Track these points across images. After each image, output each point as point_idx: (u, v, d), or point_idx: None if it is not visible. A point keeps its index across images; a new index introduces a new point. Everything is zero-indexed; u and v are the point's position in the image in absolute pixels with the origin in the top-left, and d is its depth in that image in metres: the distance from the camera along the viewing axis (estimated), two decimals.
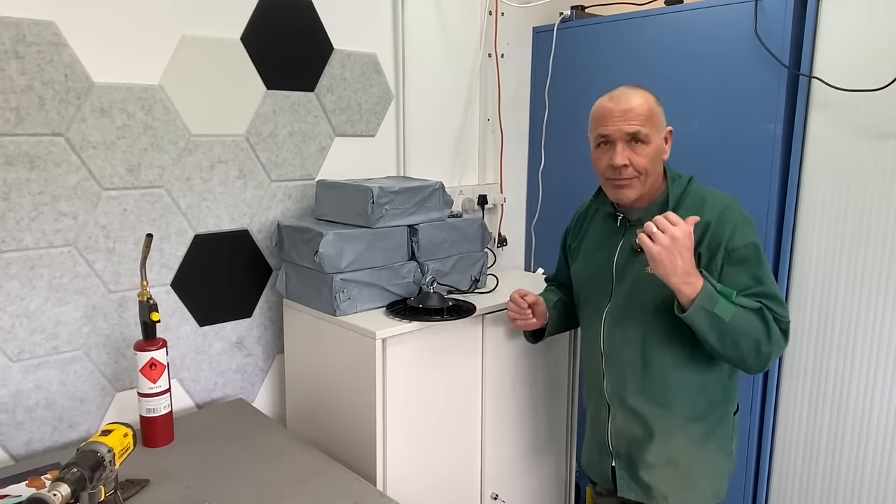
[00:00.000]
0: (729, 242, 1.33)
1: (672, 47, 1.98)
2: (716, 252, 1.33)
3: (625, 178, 1.37)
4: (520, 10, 2.35)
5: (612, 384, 1.48)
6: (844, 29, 1.67)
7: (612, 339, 1.47)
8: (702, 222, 1.34)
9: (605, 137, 1.37)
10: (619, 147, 1.35)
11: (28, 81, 1.39)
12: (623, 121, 1.35)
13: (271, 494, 1.30)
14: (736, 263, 1.33)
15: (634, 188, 1.38)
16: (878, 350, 1.70)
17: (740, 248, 1.32)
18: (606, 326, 1.48)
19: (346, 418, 1.62)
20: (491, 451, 1.79)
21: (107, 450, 1.07)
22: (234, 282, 1.77)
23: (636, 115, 1.35)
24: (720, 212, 1.35)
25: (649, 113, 1.35)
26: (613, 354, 1.47)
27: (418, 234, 1.73)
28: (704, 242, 1.34)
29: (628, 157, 1.35)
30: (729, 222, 1.34)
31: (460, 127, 2.26)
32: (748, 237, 1.34)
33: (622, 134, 1.35)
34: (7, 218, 1.40)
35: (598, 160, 1.42)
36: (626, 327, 1.44)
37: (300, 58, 1.81)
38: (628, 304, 1.43)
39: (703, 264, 1.33)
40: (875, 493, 1.74)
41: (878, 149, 1.65)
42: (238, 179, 1.74)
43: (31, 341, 1.46)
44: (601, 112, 1.39)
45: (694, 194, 1.41)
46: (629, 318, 1.43)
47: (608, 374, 1.49)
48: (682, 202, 1.40)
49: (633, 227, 1.43)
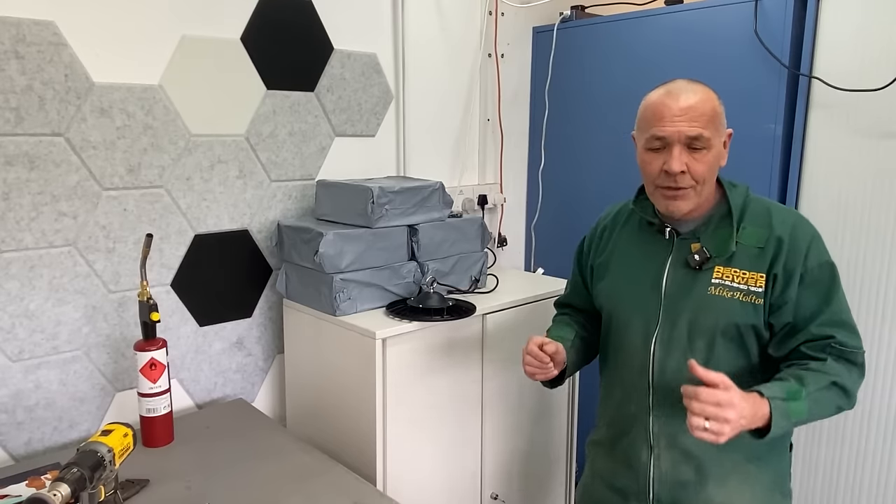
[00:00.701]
0: (805, 262, 1.19)
1: (672, 47, 1.98)
2: (792, 274, 1.19)
3: (681, 187, 1.20)
4: (520, 10, 2.35)
5: (663, 422, 1.28)
6: (844, 29, 1.67)
7: (664, 370, 1.27)
8: (772, 237, 1.21)
9: (662, 140, 1.19)
10: (677, 151, 1.18)
11: (28, 81, 1.39)
12: (684, 121, 1.17)
13: (271, 494, 1.30)
14: (809, 286, 1.19)
15: (689, 199, 1.21)
16: (878, 350, 1.70)
17: (814, 268, 1.19)
18: (657, 355, 1.27)
19: (346, 418, 1.62)
20: (491, 451, 1.79)
21: (107, 450, 1.07)
22: (234, 282, 1.77)
23: (699, 114, 1.17)
24: (792, 227, 1.22)
25: (713, 113, 1.19)
26: (666, 387, 1.26)
27: (418, 234, 1.73)
28: (780, 262, 1.19)
29: (686, 162, 1.18)
30: (804, 239, 1.20)
31: (460, 127, 2.26)
32: (823, 255, 1.21)
33: (681, 136, 1.17)
34: (7, 218, 1.40)
35: (648, 164, 1.23)
36: (683, 357, 1.24)
37: (300, 58, 1.81)
38: (688, 329, 1.25)
39: (779, 288, 1.19)
40: (875, 493, 1.74)
41: (878, 149, 1.65)
42: (238, 179, 1.74)
43: (31, 341, 1.46)
44: (657, 109, 1.20)
45: (755, 205, 1.26)
46: (688, 345, 1.25)
47: (657, 409, 1.28)
48: (744, 214, 1.25)
49: (686, 240, 1.27)
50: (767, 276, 1.19)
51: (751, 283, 1.21)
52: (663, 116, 1.18)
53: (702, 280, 1.24)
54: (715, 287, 1.22)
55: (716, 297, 1.22)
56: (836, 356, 1.17)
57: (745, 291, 1.21)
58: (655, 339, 1.28)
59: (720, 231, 1.25)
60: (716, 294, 1.22)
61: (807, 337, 1.19)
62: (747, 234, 1.23)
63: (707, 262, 1.24)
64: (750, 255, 1.22)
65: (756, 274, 1.20)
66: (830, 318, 1.19)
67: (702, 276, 1.24)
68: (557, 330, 1.47)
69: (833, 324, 1.19)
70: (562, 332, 1.45)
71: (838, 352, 1.17)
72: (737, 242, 1.22)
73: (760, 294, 1.20)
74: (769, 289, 1.20)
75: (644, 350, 1.29)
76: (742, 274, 1.21)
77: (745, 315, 1.20)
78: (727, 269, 1.23)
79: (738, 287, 1.21)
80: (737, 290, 1.21)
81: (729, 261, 1.23)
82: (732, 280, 1.22)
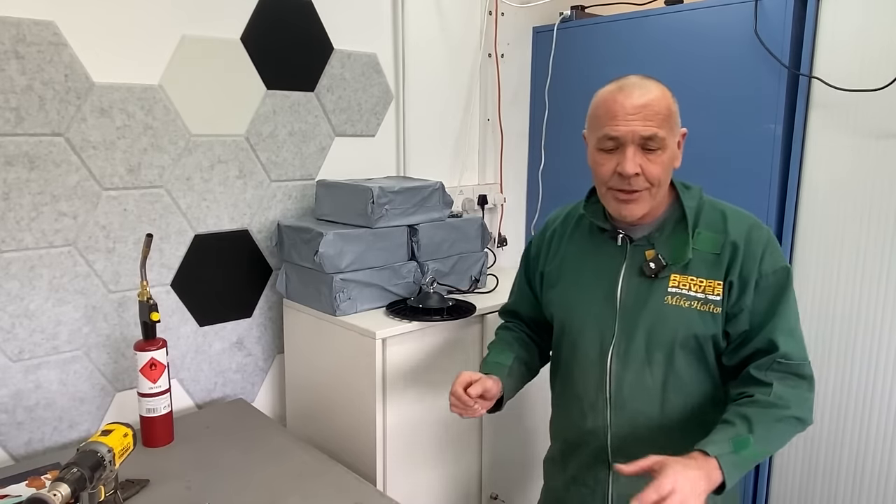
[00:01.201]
0: (760, 268, 1.14)
1: (672, 47, 1.98)
2: (748, 281, 1.14)
3: (635, 189, 1.13)
4: (520, 10, 2.35)
5: (620, 440, 1.23)
6: (844, 29, 1.67)
7: (621, 385, 1.21)
8: (728, 242, 1.16)
9: (615, 140, 1.12)
10: (630, 152, 1.11)
11: (28, 81, 1.39)
12: (637, 119, 1.10)
13: (271, 494, 1.30)
14: (762, 291, 1.14)
15: (643, 202, 1.15)
16: (878, 349, 1.70)
17: (769, 274, 1.14)
18: (615, 369, 1.21)
19: (346, 418, 1.62)
20: (491, 451, 1.79)
21: (107, 450, 1.07)
22: (234, 282, 1.77)
23: (653, 112, 1.11)
24: (748, 231, 1.17)
25: (668, 111, 1.13)
26: (625, 404, 1.21)
27: (418, 234, 1.73)
28: (735, 269, 1.14)
29: (640, 164, 1.12)
30: (758, 244, 1.15)
31: (460, 127, 2.25)
32: (778, 261, 1.16)
33: (635, 136, 1.11)
34: (7, 218, 1.40)
35: (600, 165, 1.16)
36: (641, 370, 1.19)
37: (300, 58, 1.81)
38: (646, 341, 1.18)
39: (735, 296, 1.14)
40: (875, 493, 1.74)
41: (878, 149, 1.65)
42: (238, 179, 1.73)
43: (31, 341, 1.46)
44: (609, 106, 1.13)
45: (710, 208, 1.21)
46: (646, 359, 1.19)
47: (615, 428, 1.23)
48: (699, 218, 1.19)
49: (640, 247, 1.21)
50: (724, 283, 1.14)
51: (708, 292, 1.15)
52: (616, 115, 1.11)
53: (658, 289, 1.18)
54: (671, 296, 1.16)
55: (673, 307, 1.16)
56: (780, 375, 1.12)
57: (702, 300, 1.15)
58: (612, 353, 1.21)
59: (675, 237, 1.19)
60: (673, 304, 1.16)
61: (755, 347, 1.14)
62: (703, 239, 1.17)
63: (663, 269, 1.18)
64: (706, 261, 1.16)
65: (713, 281, 1.15)
66: (777, 326, 1.13)
67: (657, 284, 1.18)
68: (496, 354, 1.37)
69: (780, 332, 1.13)
70: (499, 358, 1.35)
71: (784, 368, 1.12)
72: (692, 248, 1.17)
73: (718, 302, 1.15)
74: (726, 297, 1.15)
75: (600, 364, 1.23)
76: (699, 282, 1.16)
77: (703, 325, 1.15)
78: (684, 276, 1.17)
79: (696, 296, 1.16)
80: (694, 299, 1.16)
81: (685, 268, 1.17)
82: (689, 288, 1.16)
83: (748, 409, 1.09)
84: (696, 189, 1.24)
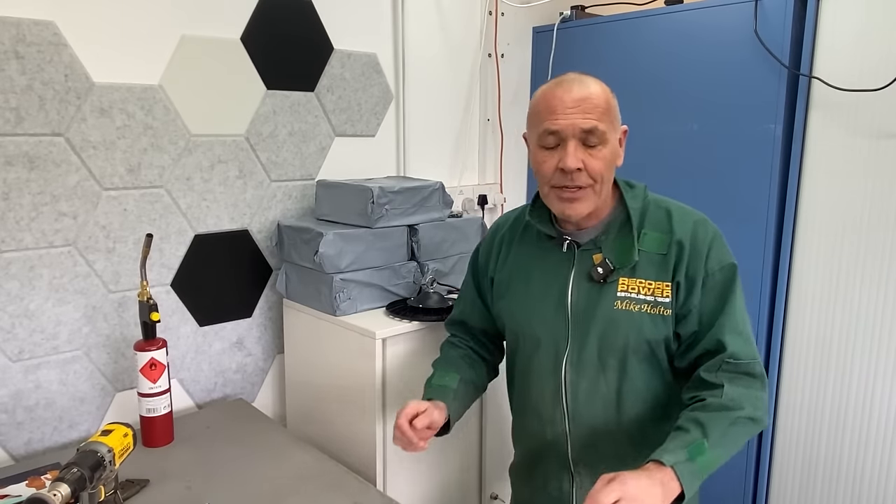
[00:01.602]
0: (706, 266, 1.12)
1: (672, 48, 1.98)
2: (694, 280, 1.12)
3: (578, 186, 1.11)
4: (520, 10, 2.35)
5: (580, 449, 1.21)
6: (844, 29, 1.66)
7: (577, 395, 1.19)
8: (673, 242, 1.13)
9: (555, 133, 1.10)
10: (572, 146, 1.09)
11: (28, 81, 1.39)
12: (577, 112, 1.08)
13: (271, 494, 1.30)
14: (709, 290, 1.12)
15: (588, 200, 1.12)
16: (878, 350, 1.70)
17: (715, 271, 1.12)
18: (569, 378, 1.19)
19: (346, 418, 1.62)
20: (491, 451, 1.79)
21: (107, 450, 1.07)
22: (234, 282, 1.77)
23: (593, 106, 1.09)
24: (693, 229, 1.14)
25: (607, 105, 1.11)
26: (582, 413, 1.19)
27: (418, 234, 1.73)
28: (682, 269, 1.12)
29: (582, 159, 1.09)
30: (704, 242, 1.13)
31: (460, 127, 2.26)
32: (724, 257, 1.14)
33: (576, 130, 1.08)
34: (7, 218, 1.40)
35: (541, 163, 1.13)
36: (596, 378, 1.17)
37: (300, 58, 1.81)
38: (598, 348, 1.16)
39: (683, 296, 1.12)
40: (875, 493, 1.74)
41: (878, 149, 1.65)
42: (238, 179, 1.73)
43: (31, 341, 1.46)
44: (549, 101, 1.11)
45: (654, 207, 1.18)
46: (600, 366, 1.17)
47: (574, 437, 1.21)
48: (644, 218, 1.16)
49: (587, 251, 1.18)
50: (672, 283, 1.12)
51: (657, 294, 1.13)
52: (555, 109, 1.09)
53: (607, 294, 1.15)
54: (621, 301, 1.13)
55: (623, 312, 1.13)
56: (730, 376, 1.09)
57: (651, 303, 1.13)
58: (566, 362, 1.18)
59: (621, 239, 1.16)
60: (622, 308, 1.13)
61: (704, 347, 1.12)
62: (649, 239, 1.15)
63: (611, 274, 1.15)
64: (653, 262, 1.14)
65: (661, 283, 1.13)
66: (725, 325, 1.11)
67: (607, 289, 1.15)
68: (441, 375, 1.32)
69: (728, 331, 1.10)
70: (444, 380, 1.31)
71: (733, 368, 1.09)
72: (639, 250, 1.14)
73: (668, 304, 1.12)
74: (674, 297, 1.12)
75: (555, 374, 1.20)
76: (648, 284, 1.13)
77: (654, 329, 1.13)
78: (632, 280, 1.14)
79: (645, 299, 1.13)
80: (644, 303, 1.13)
81: (633, 271, 1.14)
82: (638, 292, 1.14)
83: (701, 415, 1.06)
84: (640, 188, 1.21)
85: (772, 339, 1.86)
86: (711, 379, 1.10)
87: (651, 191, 1.24)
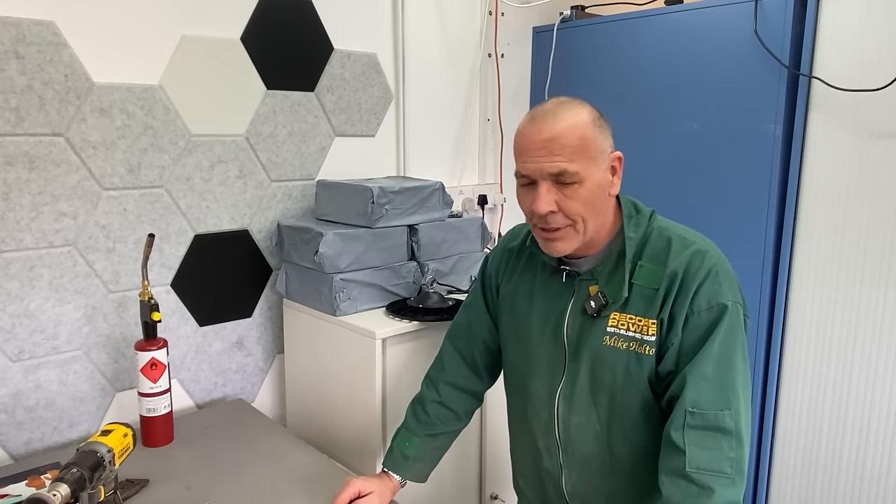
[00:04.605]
0: (693, 304, 1.03)
1: (672, 48, 1.98)
2: (676, 318, 1.04)
3: (553, 227, 1.06)
4: (520, 10, 2.35)
5: (576, 482, 1.18)
6: (844, 29, 1.66)
7: (569, 428, 1.15)
8: (666, 275, 1.05)
9: (525, 176, 1.06)
10: (543, 189, 1.03)
11: (28, 81, 1.39)
12: (544, 155, 1.02)
13: (271, 494, 1.30)
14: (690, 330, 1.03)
15: (569, 239, 1.07)
16: (878, 350, 1.70)
17: (702, 311, 1.03)
18: (561, 411, 1.15)
19: (346, 418, 1.62)
20: (491, 451, 1.79)
21: (107, 450, 1.07)
22: (234, 282, 1.77)
23: (560, 147, 1.02)
24: (688, 262, 1.05)
25: (579, 142, 1.02)
26: (574, 447, 1.16)
27: (418, 234, 1.73)
28: (667, 306, 1.04)
29: (556, 200, 1.04)
30: (696, 277, 1.04)
31: (460, 127, 2.25)
32: (716, 296, 1.03)
33: (543, 173, 1.03)
34: (7, 218, 1.40)
35: (521, 200, 1.09)
36: (587, 413, 1.13)
37: (300, 58, 1.81)
38: (589, 383, 1.12)
39: (664, 333, 1.05)
40: (875, 493, 1.74)
41: (878, 149, 1.65)
42: (238, 179, 1.74)
43: (31, 341, 1.46)
44: (521, 142, 1.06)
45: (657, 236, 1.10)
46: (591, 401, 1.12)
47: (568, 470, 1.18)
48: (644, 249, 1.09)
49: (586, 281, 1.13)
50: (658, 321, 1.05)
51: (643, 332, 1.06)
52: (526, 150, 1.05)
53: (598, 328, 1.09)
54: (609, 337, 1.08)
55: (610, 349, 1.08)
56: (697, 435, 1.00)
57: (638, 341, 1.07)
58: (559, 395, 1.15)
59: (618, 271, 1.10)
60: (610, 345, 1.08)
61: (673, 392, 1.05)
62: (644, 273, 1.08)
63: (604, 308, 1.09)
64: (645, 297, 1.07)
65: (648, 320, 1.06)
66: (692, 369, 1.01)
67: (598, 323, 1.09)
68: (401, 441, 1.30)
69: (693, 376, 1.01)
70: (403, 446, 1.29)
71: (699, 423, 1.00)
72: (632, 284, 1.08)
73: (652, 343, 1.06)
74: (658, 336, 1.05)
75: (549, 405, 1.17)
76: (637, 321, 1.07)
77: (638, 368, 1.07)
78: (622, 315, 1.08)
79: (633, 336, 1.07)
80: (631, 340, 1.07)
81: (624, 306, 1.08)
82: (627, 328, 1.08)
83: None
84: (645, 214, 1.13)
85: (772, 338, 1.86)
86: (678, 440, 1.01)
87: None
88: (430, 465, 1.33)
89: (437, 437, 1.32)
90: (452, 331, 1.38)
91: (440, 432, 1.32)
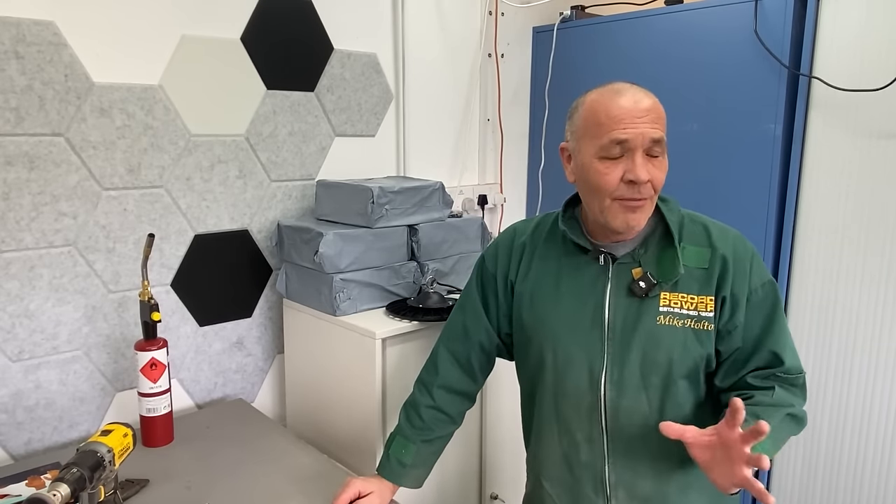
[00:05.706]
0: (750, 283, 1.10)
1: (672, 48, 1.98)
2: (739, 297, 1.10)
3: (643, 197, 1.07)
4: (520, 10, 2.35)
5: (620, 470, 1.16)
6: (844, 29, 1.67)
7: (617, 413, 1.14)
8: (716, 256, 1.11)
9: (623, 144, 1.05)
10: (640, 157, 1.05)
11: (28, 81, 1.39)
12: (647, 122, 1.05)
13: (271, 494, 1.30)
14: (754, 307, 1.11)
15: (647, 211, 1.10)
16: (878, 350, 1.70)
17: (758, 288, 1.11)
18: (609, 396, 1.14)
19: (346, 418, 1.62)
20: (491, 451, 1.79)
21: (107, 450, 1.07)
22: (234, 282, 1.77)
23: (658, 116, 1.07)
24: (734, 246, 1.12)
25: (664, 118, 1.09)
26: (623, 432, 1.15)
27: (418, 234, 1.73)
28: (727, 284, 1.10)
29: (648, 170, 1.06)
30: (746, 258, 1.11)
31: (460, 127, 2.26)
32: (765, 274, 1.13)
33: (645, 140, 1.05)
34: (7, 218, 1.40)
35: (603, 174, 1.07)
36: (638, 396, 1.13)
37: (300, 58, 1.81)
38: (640, 366, 1.12)
39: (728, 312, 1.10)
40: (875, 493, 1.74)
41: (878, 149, 1.65)
42: (238, 179, 1.74)
43: (31, 341, 1.46)
44: (612, 111, 1.06)
45: (690, 221, 1.16)
46: (642, 383, 1.13)
47: (613, 457, 1.16)
48: (682, 232, 1.14)
49: (624, 265, 1.14)
50: (716, 298, 1.10)
51: (700, 308, 1.10)
52: (622, 118, 1.05)
53: (648, 309, 1.11)
54: (664, 316, 1.10)
55: (666, 328, 1.10)
56: (780, 382, 1.10)
57: (695, 318, 1.10)
58: (605, 380, 1.14)
59: (662, 253, 1.13)
60: (666, 324, 1.10)
61: (755, 364, 1.11)
62: (689, 254, 1.12)
63: (653, 288, 1.11)
64: (695, 277, 1.11)
65: (705, 297, 1.10)
66: (776, 341, 1.11)
67: (647, 304, 1.11)
68: (397, 447, 1.29)
69: (782, 347, 1.11)
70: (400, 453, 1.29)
71: (783, 379, 1.10)
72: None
73: (711, 319, 1.10)
74: (718, 313, 1.10)
75: (592, 393, 1.15)
76: (690, 298, 1.10)
77: (699, 344, 1.10)
78: (674, 294, 1.11)
79: (689, 314, 1.10)
80: (687, 318, 1.10)
81: (675, 286, 1.11)
82: (681, 306, 1.10)
83: (755, 409, 1.05)
84: (674, 202, 1.17)
85: None
86: (760, 384, 1.10)
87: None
88: (427, 470, 1.34)
89: (433, 442, 1.33)
90: (446, 333, 1.36)
91: (436, 437, 1.32)
